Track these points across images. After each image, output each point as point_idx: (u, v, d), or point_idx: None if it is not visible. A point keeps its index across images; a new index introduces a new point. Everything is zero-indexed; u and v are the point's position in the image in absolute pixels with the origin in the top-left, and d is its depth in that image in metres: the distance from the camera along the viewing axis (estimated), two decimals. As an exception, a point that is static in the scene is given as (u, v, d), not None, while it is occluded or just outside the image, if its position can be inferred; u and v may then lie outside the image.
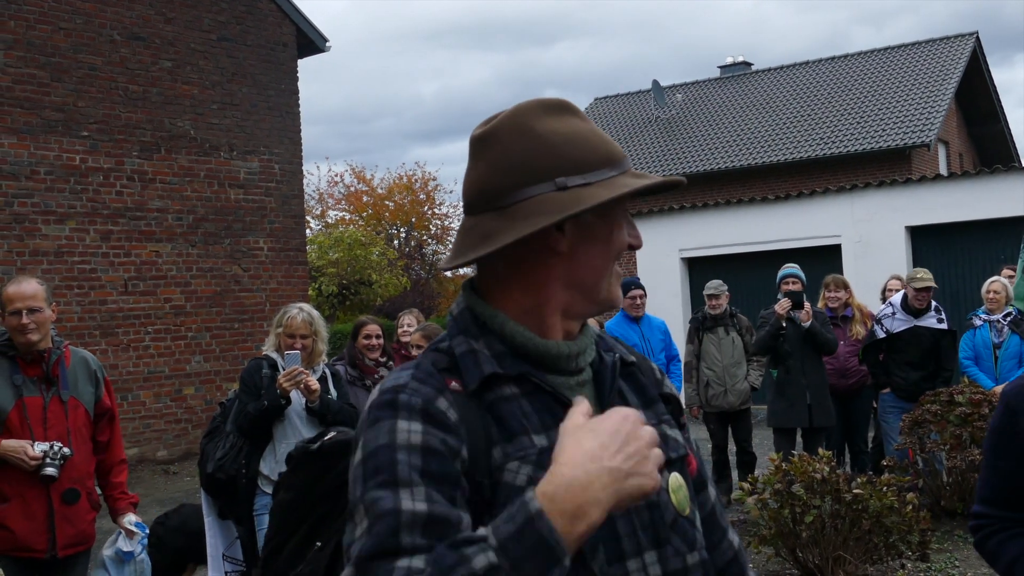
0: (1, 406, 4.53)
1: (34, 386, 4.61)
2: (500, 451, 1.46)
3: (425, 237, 37.53)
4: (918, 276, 8.64)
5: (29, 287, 4.63)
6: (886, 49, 28.20)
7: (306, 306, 5.97)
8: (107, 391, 4.92)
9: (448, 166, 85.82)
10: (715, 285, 9.51)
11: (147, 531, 4.90)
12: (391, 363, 7.13)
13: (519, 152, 1.53)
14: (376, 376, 6.95)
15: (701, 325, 9.49)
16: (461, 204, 1.67)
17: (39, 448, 4.48)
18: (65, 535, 4.60)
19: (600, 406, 1.55)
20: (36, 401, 4.60)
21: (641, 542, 1.50)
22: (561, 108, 1.59)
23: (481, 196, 1.57)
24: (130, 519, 4.87)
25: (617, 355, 1.68)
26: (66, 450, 4.55)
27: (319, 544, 1.76)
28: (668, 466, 1.57)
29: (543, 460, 1.40)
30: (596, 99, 32.64)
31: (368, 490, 1.38)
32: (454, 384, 1.50)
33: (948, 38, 27.54)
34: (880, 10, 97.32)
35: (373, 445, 1.41)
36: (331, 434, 1.90)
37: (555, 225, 1.51)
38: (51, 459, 4.48)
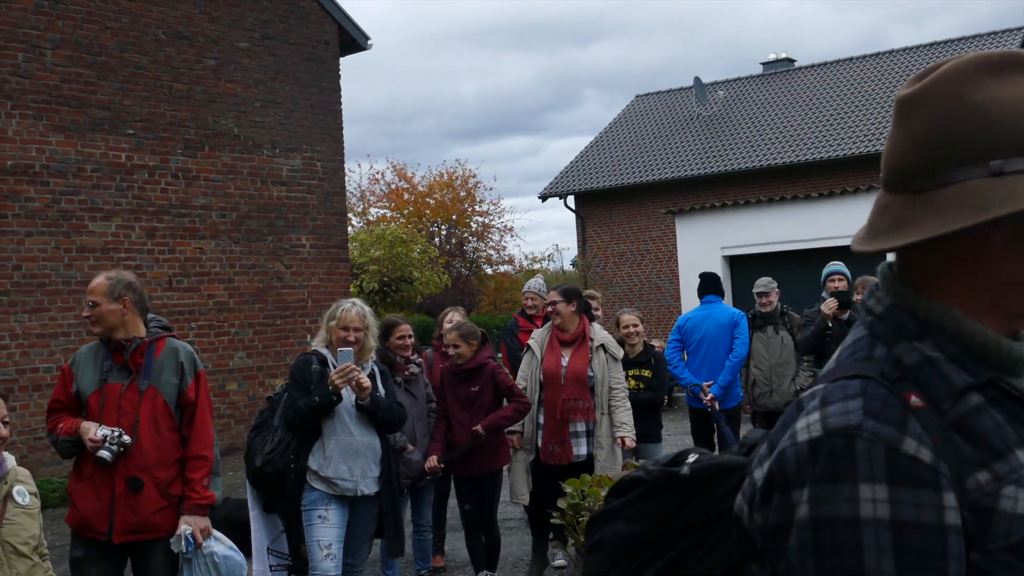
0: (84, 389, 4.79)
1: (119, 373, 4.80)
2: (986, 475, 1.21)
3: (466, 234, 37.58)
4: None
5: (94, 282, 4.88)
6: (932, 45, 27.88)
7: (358, 301, 5.99)
8: (195, 384, 4.91)
9: (488, 164, 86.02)
10: (764, 283, 9.36)
11: (192, 547, 4.73)
12: (419, 360, 7.33)
13: (945, 125, 1.26)
14: (406, 372, 7.09)
15: (751, 323, 9.36)
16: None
17: (100, 432, 4.61)
18: (125, 521, 4.69)
19: None
20: (115, 388, 4.78)
21: None
22: (1014, 65, 1.27)
23: (897, 173, 1.32)
24: (185, 529, 4.74)
25: None
26: (126, 438, 4.65)
27: None
28: None
29: None
30: (637, 96, 32.51)
31: (820, 572, 1.18)
32: (915, 399, 1.23)
33: (995, 33, 27.17)
34: (919, 8, 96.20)
35: (831, 513, 1.18)
36: (693, 456, 1.54)
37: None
38: (110, 443, 4.60)
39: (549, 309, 7.33)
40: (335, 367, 5.61)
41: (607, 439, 7.06)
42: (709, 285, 9.49)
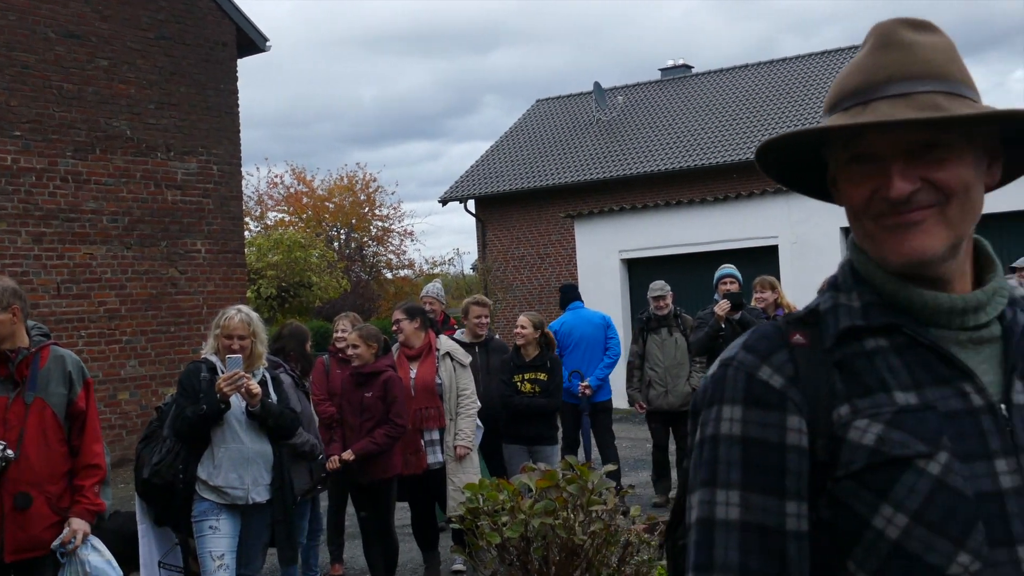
0: None
1: (3, 386, 4.59)
2: (847, 408, 1.32)
3: (365, 239, 37.36)
4: None
5: None
6: (823, 53, 28.59)
7: (244, 308, 5.91)
8: (84, 393, 4.78)
9: (388, 169, 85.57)
10: (659, 286, 9.60)
11: (62, 552, 4.59)
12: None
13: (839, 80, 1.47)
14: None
15: (645, 326, 9.59)
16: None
17: None
18: (15, 540, 4.52)
19: (1003, 371, 1.35)
20: (0, 401, 4.55)
21: None
22: (889, 32, 1.41)
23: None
24: (64, 534, 4.59)
25: None
26: (9, 452, 4.45)
27: None
28: None
29: (899, 419, 1.29)
30: (538, 101, 32.69)
31: (696, 484, 1.37)
32: (797, 338, 1.38)
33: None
34: (807, 20, 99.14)
35: (706, 432, 1.37)
36: None
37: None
38: None
39: (393, 328, 7.61)
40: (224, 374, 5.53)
41: None
42: (572, 293, 10.31)
